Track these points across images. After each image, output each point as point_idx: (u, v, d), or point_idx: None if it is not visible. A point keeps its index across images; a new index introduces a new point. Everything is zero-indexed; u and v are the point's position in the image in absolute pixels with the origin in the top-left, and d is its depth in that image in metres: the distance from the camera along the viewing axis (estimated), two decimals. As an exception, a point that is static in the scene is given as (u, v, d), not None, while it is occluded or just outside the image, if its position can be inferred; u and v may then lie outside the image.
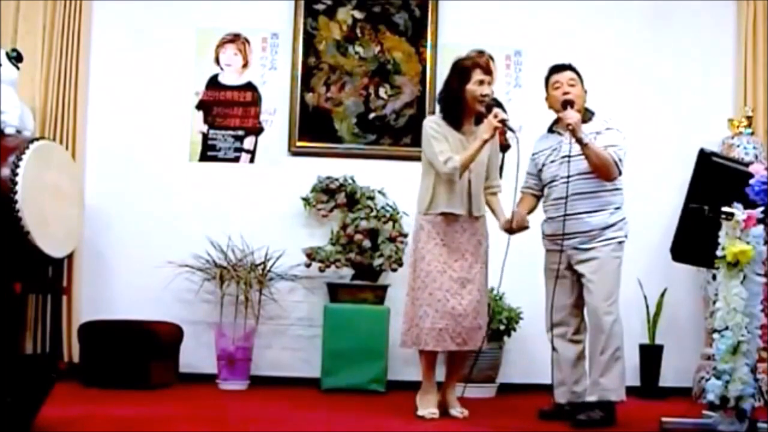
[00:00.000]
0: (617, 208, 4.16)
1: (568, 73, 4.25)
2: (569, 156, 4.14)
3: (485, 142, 4.05)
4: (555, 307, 4.23)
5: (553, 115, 4.34)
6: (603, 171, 4.08)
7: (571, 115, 4.05)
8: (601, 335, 4.06)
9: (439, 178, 4.13)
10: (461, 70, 4.20)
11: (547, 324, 4.28)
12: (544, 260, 4.33)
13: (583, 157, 4.08)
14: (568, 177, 4.12)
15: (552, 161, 4.24)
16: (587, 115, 4.23)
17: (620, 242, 4.15)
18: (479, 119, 4.18)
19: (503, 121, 4.06)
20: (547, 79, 4.32)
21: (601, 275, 4.09)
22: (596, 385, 4.06)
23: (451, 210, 4.13)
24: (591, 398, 4.08)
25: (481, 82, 4.15)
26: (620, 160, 4.12)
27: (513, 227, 4.20)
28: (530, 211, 4.37)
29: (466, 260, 4.14)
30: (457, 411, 4.21)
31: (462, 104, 4.16)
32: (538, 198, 4.40)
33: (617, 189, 4.18)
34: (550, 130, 4.36)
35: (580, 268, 4.13)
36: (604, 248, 4.10)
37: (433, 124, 4.21)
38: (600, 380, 4.04)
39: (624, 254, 4.17)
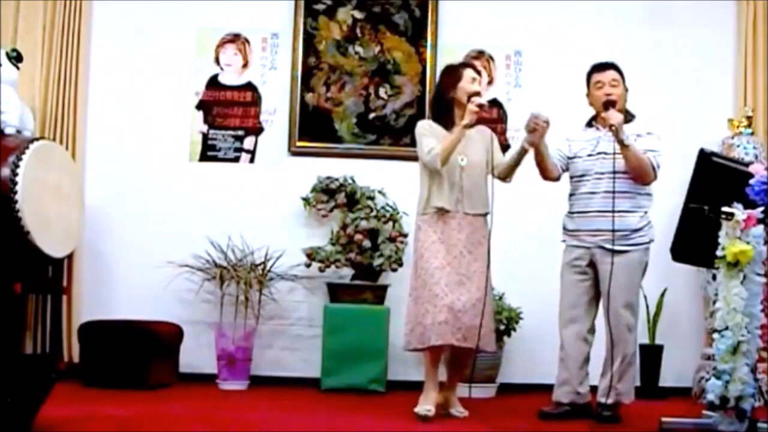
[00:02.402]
0: (646, 212, 4.18)
1: (611, 73, 4.25)
2: (613, 153, 4.11)
3: (466, 127, 4.11)
4: (571, 304, 4.22)
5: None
6: (640, 173, 4.10)
7: (615, 116, 4.05)
8: (620, 341, 4.08)
9: (433, 178, 4.17)
10: (453, 70, 4.29)
11: (561, 321, 4.27)
12: (564, 255, 4.30)
13: (620, 155, 4.09)
14: (614, 173, 4.10)
15: (589, 155, 4.22)
16: (628, 117, 4.23)
17: (647, 248, 4.15)
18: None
19: (481, 105, 4.11)
20: (588, 77, 4.32)
21: (627, 280, 4.09)
22: (613, 390, 4.11)
23: (442, 204, 4.14)
24: (607, 400, 4.12)
25: (473, 80, 4.23)
26: (658, 165, 4.14)
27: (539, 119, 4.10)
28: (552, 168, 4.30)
29: (464, 257, 4.14)
30: (457, 411, 4.22)
31: (453, 104, 4.21)
32: (555, 169, 4.32)
33: (649, 194, 4.21)
34: (589, 124, 4.35)
35: (604, 268, 4.11)
36: (633, 253, 4.10)
37: (424, 124, 4.30)
38: (617, 386, 4.10)
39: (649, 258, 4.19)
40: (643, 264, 4.18)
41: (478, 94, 4.18)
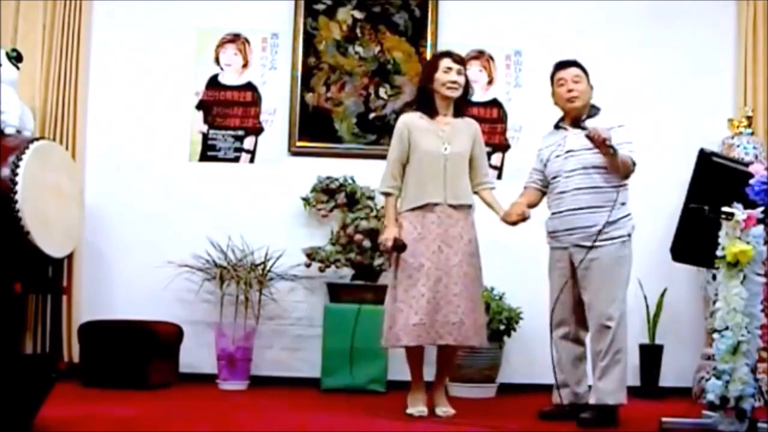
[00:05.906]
0: (623, 204, 4.11)
1: (573, 70, 4.24)
2: (580, 149, 4.11)
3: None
4: (558, 306, 4.22)
5: (557, 113, 4.33)
6: (623, 172, 4.07)
7: (599, 130, 3.94)
8: (601, 338, 4.04)
9: (413, 173, 4.18)
10: (430, 61, 4.34)
11: (551, 323, 4.26)
12: (549, 258, 4.30)
13: (585, 151, 4.08)
14: (584, 169, 4.10)
15: (557, 156, 4.21)
16: (593, 111, 4.22)
17: (624, 241, 4.10)
18: (458, 109, 4.26)
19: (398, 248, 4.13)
20: (552, 76, 4.31)
21: (602, 276, 4.05)
22: (595, 389, 4.07)
23: (424, 201, 4.13)
24: (591, 401, 4.10)
25: (449, 69, 4.20)
26: (634, 163, 4.09)
27: (513, 219, 4.16)
28: (532, 205, 4.30)
29: (442, 252, 4.10)
30: (440, 410, 4.16)
31: (432, 94, 4.22)
32: (542, 193, 4.35)
33: (622, 185, 4.13)
34: (557, 126, 4.35)
35: (581, 267, 4.10)
36: (609, 247, 4.06)
37: (406, 120, 4.26)
38: (598, 384, 4.05)
39: (631, 251, 4.13)
40: (621, 257, 4.10)
41: (453, 83, 4.18)
